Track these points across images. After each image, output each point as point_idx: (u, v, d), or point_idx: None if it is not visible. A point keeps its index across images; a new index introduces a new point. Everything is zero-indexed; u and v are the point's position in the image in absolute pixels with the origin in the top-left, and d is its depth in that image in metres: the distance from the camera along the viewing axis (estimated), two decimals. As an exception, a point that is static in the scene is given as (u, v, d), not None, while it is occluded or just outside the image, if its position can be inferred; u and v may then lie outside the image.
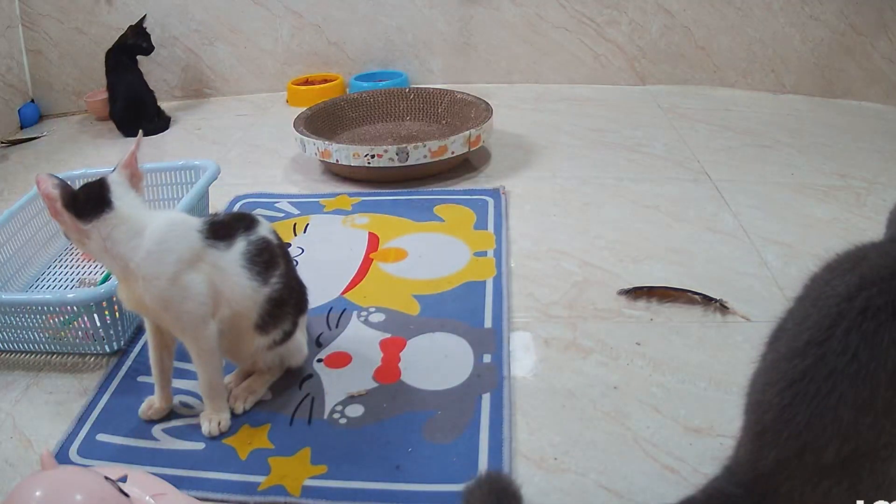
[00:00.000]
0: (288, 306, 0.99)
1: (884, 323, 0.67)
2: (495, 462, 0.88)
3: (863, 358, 0.67)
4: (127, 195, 0.89)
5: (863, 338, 0.67)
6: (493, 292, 1.24)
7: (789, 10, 2.19)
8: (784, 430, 0.69)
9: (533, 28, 2.39)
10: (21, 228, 1.39)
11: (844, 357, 0.67)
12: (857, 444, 0.66)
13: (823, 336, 0.69)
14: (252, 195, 1.70)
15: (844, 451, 0.66)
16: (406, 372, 1.06)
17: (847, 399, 0.66)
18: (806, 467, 0.67)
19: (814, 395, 0.68)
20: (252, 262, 0.92)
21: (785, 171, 1.69)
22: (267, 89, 2.55)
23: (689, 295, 1.20)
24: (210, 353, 0.93)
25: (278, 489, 0.86)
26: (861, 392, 0.66)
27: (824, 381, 0.68)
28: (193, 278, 0.89)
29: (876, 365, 0.66)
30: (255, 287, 0.93)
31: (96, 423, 1.00)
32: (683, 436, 0.92)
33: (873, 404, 0.65)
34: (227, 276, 0.91)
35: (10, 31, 2.36)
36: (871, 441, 0.66)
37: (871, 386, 0.66)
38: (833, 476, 0.66)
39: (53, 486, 0.67)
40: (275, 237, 0.99)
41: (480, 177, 1.74)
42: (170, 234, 0.88)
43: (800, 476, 0.68)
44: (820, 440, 0.67)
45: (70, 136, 2.30)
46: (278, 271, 0.96)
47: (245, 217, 0.98)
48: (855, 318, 0.69)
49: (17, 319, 1.12)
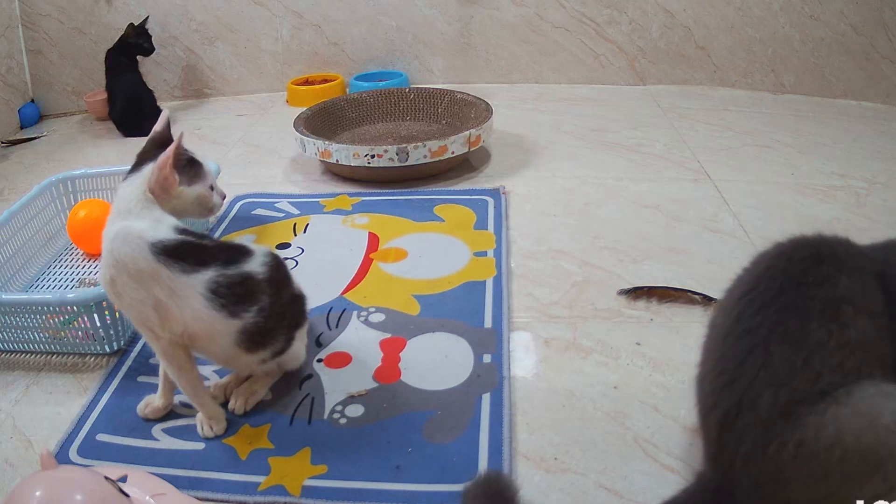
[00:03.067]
0: (276, 332, 0.96)
1: (809, 267, 0.68)
2: (495, 462, 0.88)
3: (789, 292, 0.67)
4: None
5: (787, 277, 0.68)
6: (493, 292, 1.24)
7: (789, 10, 2.19)
8: (720, 384, 0.68)
9: (533, 28, 2.39)
10: (21, 228, 1.39)
11: (770, 292, 0.67)
12: (791, 389, 0.64)
13: (752, 285, 0.70)
14: (252, 195, 1.70)
15: (781, 399, 0.64)
16: (406, 372, 1.06)
17: (777, 332, 0.65)
18: (748, 428, 0.65)
19: (743, 333, 0.67)
20: (216, 293, 0.87)
21: (785, 171, 1.69)
22: (267, 89, 2.55)
23: (689, 295, 1.20)
24: (163, 358, 0.92)
25: (278, 489, 0.86)
26: (790, 325, 0.65)
27: (753, 317, 0.67)
28: (128, 285, 0.86)
29: (804, 300, 0.66)
30: (218, 318, 0.88)
31: (96, 423, 1.00)
32: (683, 436, 0.92)
33: (804, 340, 0.64)
34: (178, 298, 0.87)
35: (10, 31, 2.36)
36: (806, 385, 0.64)
37: (801, 319, 0.65)
38: (777, 433, 0.64)
39: (53, 486, 0.67)
40: (266, 270, 0.93)
41: (480, 177, 1.74)
42: (126, 240, 0.86)
43: (746, 441, 0.66)
44: (754, 387, 0.65)
45: (70, 136, 2.30)
46: (256, 306, 0.91)
47: (235, 249, 0.94)
48: (780, 266, 0.69)
49: (17, 319, 1.12)
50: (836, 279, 0.67)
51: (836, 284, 0.66)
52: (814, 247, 0.70)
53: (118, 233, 0.87)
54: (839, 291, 0.66)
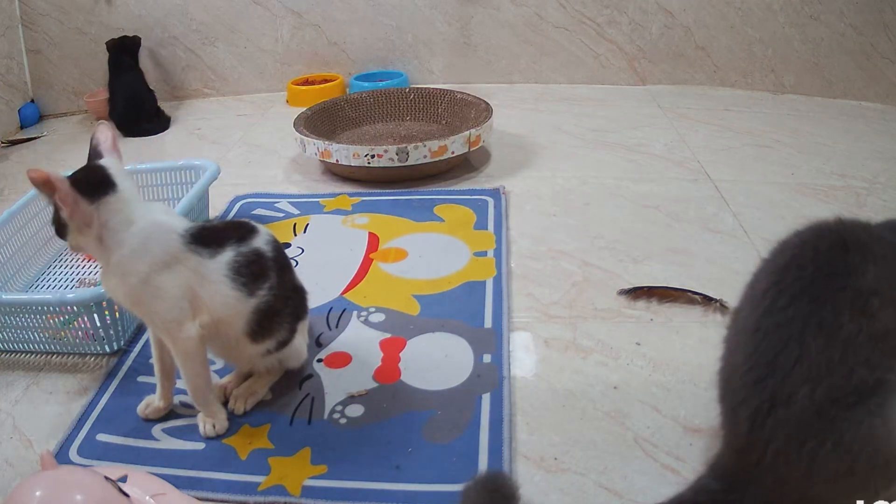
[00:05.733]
0: (281, 317, 0.97)
1: (837, 256, 0.66)
2: (495, 462, 0.88)
3: (820, 282, 0.65)
4: (126, 180, 0.87)
5: (817, 267, 0.66)
6: (493, 292, 1.24)
7: (789, 10, 2.19)
8: (751, 380, 0.66)
9: (533, 28, 2.39)
10: (21, 228, 1.39)
11: (801, 283, 0.65)
12: (828, 385, 0.62)
13: (779, 275, 0.67)
14: (252, 195, 1.70)
15: (817, 396, 0.62)
16: (406, 372, 1.06)
17: (812, 323, 0.63)
18: (781, 425, 0.64)
19: (776, 327, 0.65)
20: (238, 272, 0.90)
21: (785, 171, 1.69)
22: (267, 89, 2.55)
23: (689, 295, 1.20)
24: (187, 356, 0.92)
25: (278, 489, 0.86)
26: (825, 316, 0.63)
27: (785, 309, 0.65)
28: (165, 280, 0.87)
29: (835, 290, 0.64)
30: (240, 297, 0.91)
31: (96, 423, 1.00)
32: (683, 436, 0.92)
33: (838, 333, 0.62)
34: (209, 283, 0.89)
35: (10, 31, 2.36)
36: (841, 382, 0.62)
37: (835, 310, 0.63)
38: (813, 434, 0.63)
39: (53, 486, 0.67)
40: (271, 249, 0.96)
41: (480, 177, 1.74)
42: (150, 236, 0.87)
43: (779, 438, 0.64)
44: (789, 382, 0.63)
45: (70, 136, 2.30)
46: (268, 283, 0.94)
47: (243, 226, 0.96)
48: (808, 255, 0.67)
49: (17, 319, 1.13)
50: (864, 268, 0.65)
51: (864, 274, 0.64)
52: (838, 234, 0.68)
53: (147, 228, 0.87)
54: (868, 282, 0.64)
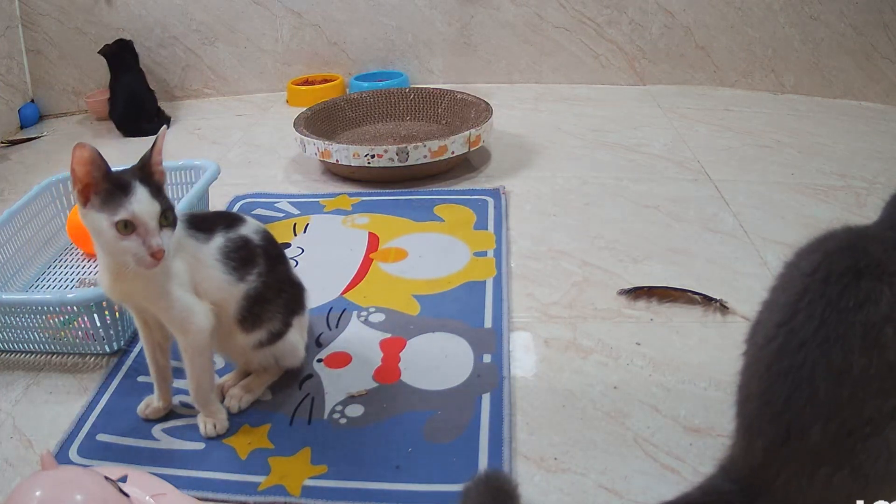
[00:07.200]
0: (272, 305, 0.98)
1: (847, 286, 0.66)
2: (495, 462, 0.88)
3: (830, 323, 0.65)
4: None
5: (827, 303, 0.66)
6: (493, 292, 1.24)
7: (789, 10, 2.19)
8: (766, 414, 0.68)
9: (533, 28, 2.39)
10: (21, 228, 1.39)
11: (811, 324, 0.66)
12: (840, 420, 0.64)
13: (791, 311, 0.68)
14: (252, 195, 1.70)
15: (830, 431, 0.64)
16: (406, 372, 1.06)
17: (820, 368, 0.64)
18: (796, 454, 0.66)
19: (787, 371, 0.66)
20: (227, 256, 0.94)
21: (785, 171, 1.69)
22: (267, 89, 2.55)
23: (689, 295, 1.20)
24: (196, 351, 0.92)
25: (278, 489, 0.86)
26: (833, 359, 0.64)
27: (795, 353, 0.66)
28: (178, 265, 0.89)
29: (844, 328, 0.65)
30: (231, 281, 0.94)
31: (96, 423, 1.00)
32: (683, 436, 0.92)
33: (848, 372, 0.64)
34: (204, 267, 0.92)
35: (10, 31, 2.36)
36: (854, 416, 0.64)
37: (844, 351, 0.64)
38: (829, 461, 0.65)
39: (53, 486, 0.67)
40: (260, 238, 0.99)
41: (480, 177, 1.74)
42: None
43: (792, 465, 0.66)
44: (802, 420, 0.65)
45: (70, 136, 2.30)
46: (256, 269, 0.96)
47: (228, 216, 1.00)
48: (818, 288, 0.67)
49: (17, 319, 1.12)
50: (878, 295, 0.65)
51: (877, 302, 0.65)
52: (851, 256, 0.68)
53: None
54: (881, 310, 0.64)
